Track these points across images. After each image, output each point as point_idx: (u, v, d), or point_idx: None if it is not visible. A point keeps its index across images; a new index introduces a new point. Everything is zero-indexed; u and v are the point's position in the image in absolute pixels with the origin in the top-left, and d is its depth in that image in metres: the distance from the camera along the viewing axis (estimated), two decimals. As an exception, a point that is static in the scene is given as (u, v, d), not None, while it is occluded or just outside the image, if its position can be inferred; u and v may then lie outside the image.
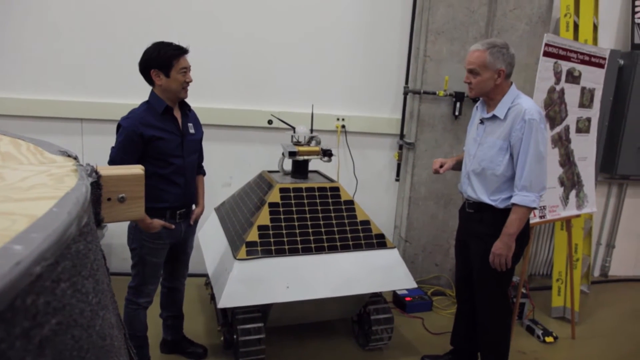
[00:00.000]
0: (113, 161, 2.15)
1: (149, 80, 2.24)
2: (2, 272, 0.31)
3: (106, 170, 0.72)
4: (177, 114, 2.34)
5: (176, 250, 2.52)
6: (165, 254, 2.43)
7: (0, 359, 0.31)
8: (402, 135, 3.87)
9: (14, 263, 0.32)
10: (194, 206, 2.53)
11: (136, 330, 2.44)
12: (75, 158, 0.73)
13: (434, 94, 3.58)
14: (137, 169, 0.75)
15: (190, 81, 2.28)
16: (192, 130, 2.39)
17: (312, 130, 3.01)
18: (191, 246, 2.63)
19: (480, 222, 2.44)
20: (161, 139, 2.22)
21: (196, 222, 2.55)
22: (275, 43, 3.60)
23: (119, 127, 2.19)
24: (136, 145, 2.16)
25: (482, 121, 2.42)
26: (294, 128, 2.96)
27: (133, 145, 2.16)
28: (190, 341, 2.82)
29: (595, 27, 3.68)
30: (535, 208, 2.29)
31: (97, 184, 0.68)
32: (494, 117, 2.34)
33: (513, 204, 2.28)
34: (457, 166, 2.64)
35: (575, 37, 3.58)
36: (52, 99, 3.37)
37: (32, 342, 0.34)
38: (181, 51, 2.21)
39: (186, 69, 2.24)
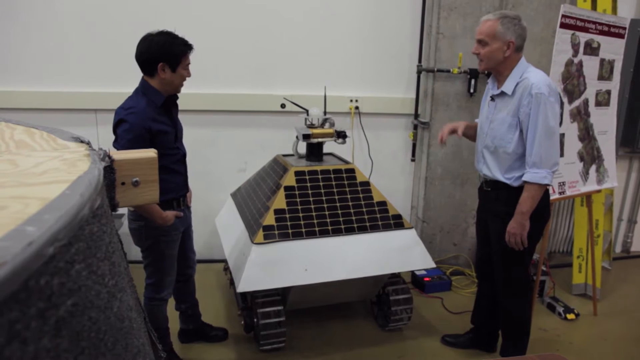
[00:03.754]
0: None
1: (149, 70, 2.16)
2: (14, 252, 0.31)
3: (119, 154, 0.72)
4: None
5: (182, 237, 2.49)
6: (179, 243, 2.42)
7: (17, 339, 0.31)
8: (416, 115, 3.83)
9: (26, 243, 0.32)
10: None
11: (160, 323, 2.46)
12: (88, 143, 0.73)
13: (448, 71, 3.52)
14: (151, 153, 0.75)
15: (190, 76, 2.25)
16: (179, 122, 2.39)
17: (325, 113, 2.99)
18: (191, 229, 2.62)
19: (496, 200, 2.41)
20: (165, 133, 2.19)
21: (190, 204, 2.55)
22: (284, 26, 3.56)
23: (120, 122, 2.08)
24: (145, 142, 2.09)
25: (492, 98, 2.38)
26: (307, 111, 2.94)
27: (143, 142, 2.08)
28: (210, 325, 2.86)
29: (614, -4, 3.57)
30: (548, 185, 2.25)
31: (110, 168, 0.68)
32: (503, 93, 2.30)
33: (524, 182, 2.24)
34: (470, 130, 2.59)
35: (594, 7, 3.48)
36: (66, 90, 3.40)
37: (48, 323, 0.34)
38: (189, 48, 2.19)
39: (189, 64, 2.23)
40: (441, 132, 2.54)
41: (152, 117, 2.13)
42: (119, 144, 2.08)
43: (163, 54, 2.12)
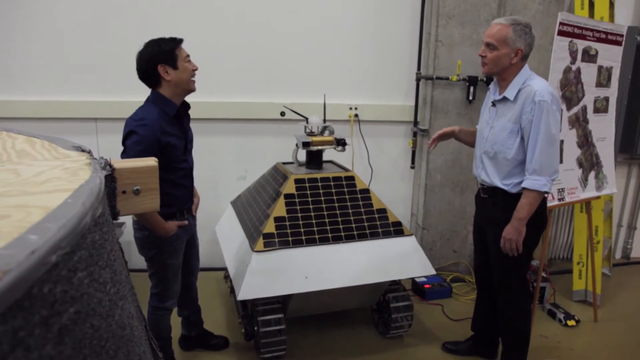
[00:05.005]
0: None
1: (154, 80, 2.15)
2: (18, 260, 0.31)
3: (120, 163, 0.72)
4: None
5: (187, 246, 2.47)
6: (182, 253, 2.40)
7: (21, 346, 0.31)
8: (415, 122, 3.84)
9: (30, 252, 0.33)
10: None
11: (163, 332, 2.45)
12: (89, 152, 0.74)
13: (447, 79, 3.54)
14: (151, 161, 0.76)
15: (197, 69, 2.19)
16: (191, 132, 2.37)
17: (325, 120, 3.00)
18: (197, 237, 2.61)
19: (494, 207, 2.41)
20: (173, 146, 2.16)
21: (196, 211, 2.52)
22: (284, 33, 3.58)
23: (131, 133, 2.05)
24: (154, 154, 2.02)
25: (493, 103, 2.39)
26: (306, 119, 2.95)
27: (152, 154, 1.99)
28: (211, 333, 2.86)
29: (611, 4, 3.60)
30: (547, 192, 2.25)
31: (111, 177, 0.69)
32: (505, 99, 2.30)
33: (523, 188, 2.24)
34: (466, 136, 2.61)
35: (591, 15, 3.50)
36: (66, 99, 3.41)
37: (51, 330, 0.34)
38: (179, 40, 2.15)
39: (189, 57, 2.17)
40: (431, 139, 2.61)
41: (163, 130, 2.10)
42: (128, 156, 2.03)
43: (156, 56, 2.10)
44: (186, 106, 2.30)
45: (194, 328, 2.78)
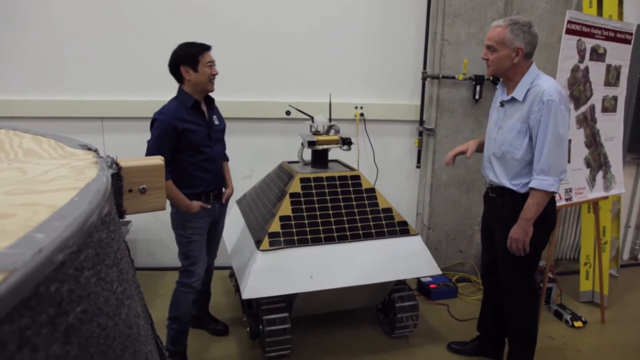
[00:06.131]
0: (150, 153, 2.33)
1: (179, 77, 2.43)
2: (24, 259, 0.31)
3: (126, 161, 0.72)
4: (203, 107, 2.53)
5: (211, 230, 2.66)
6: (206, 232, 2.58)
7: (27, 346, 0.31)
8: (421, 122, 3.83)
9: (37, 250, 0.32)
10: (223, 188, 2.70)
11: (182, 314, 2.55)
12: (96, 151, 0.74)
13: (453, 78, 3.52)
14: (157, 160, 0.76)
15: (217, 74, 2.46)
16: (216, 122, 2.59)
17: (330, 119, 3.00)
18: (222, 225, 2.81)
19: (502, 206, 2.40)
20: (192, 131, 2.41)
21: (227, 201, 2.71)
22: (289, 33, 3.58)
23: (153, 121, 2.37)
24: (171, 138, 2.35)
25: (502, 104, 2.37)
26: (312, 118, 2.95)
27: (168, 138, 2.34)
28: (213, 318, 3.01)
29: (620, 2, 3.56)
30: (554, 192, 2.23)
31: (118, 176, 0.68)
32: (513, 99, 2.29)
33: (531, 188, 2.23)
34: (480, 148, 2.60)
35: (600, 13, 3.47)
36: (72, 99, 3.42)
37: (58, 329, 0.34)
38: (205, 47, 2.42)
39: (212, 63, 2.45)
40: (447, 156, 2.61)
41: (179, 117, 2.37)
42: (151, 139, 2.36)
43: (181, 58, 2.39)
44: (209, 99, 2.57)
45: (195, 307, 2.90)
